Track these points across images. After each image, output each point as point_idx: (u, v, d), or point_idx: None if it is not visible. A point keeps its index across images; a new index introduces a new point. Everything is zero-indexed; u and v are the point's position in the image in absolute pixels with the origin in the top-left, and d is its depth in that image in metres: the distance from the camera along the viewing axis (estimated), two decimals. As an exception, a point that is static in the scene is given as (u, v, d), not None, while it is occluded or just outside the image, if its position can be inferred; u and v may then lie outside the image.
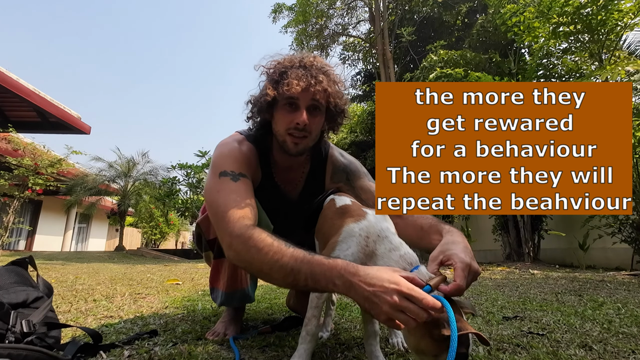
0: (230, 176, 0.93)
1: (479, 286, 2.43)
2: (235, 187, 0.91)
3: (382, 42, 8.29)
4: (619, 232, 4.30)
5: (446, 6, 8.30)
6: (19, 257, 1.05)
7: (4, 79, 5.49)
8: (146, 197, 11.30)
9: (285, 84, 0.92)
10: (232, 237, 0.80)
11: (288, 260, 0.72)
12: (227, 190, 0.90)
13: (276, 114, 0.99)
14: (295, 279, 0.71)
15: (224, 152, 1.00)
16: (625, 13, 4.47)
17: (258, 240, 0.76)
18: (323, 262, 0.69)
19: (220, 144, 1.05)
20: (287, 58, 0.99)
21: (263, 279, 0.81)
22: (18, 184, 6.97)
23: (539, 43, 5.38)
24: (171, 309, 1.58)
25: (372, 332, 0.82)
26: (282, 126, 0.97)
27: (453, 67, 6.07)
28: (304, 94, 0.93)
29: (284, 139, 0.98)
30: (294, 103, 0.95)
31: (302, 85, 0.92)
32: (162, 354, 0.89)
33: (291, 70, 0.95)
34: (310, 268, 0.70)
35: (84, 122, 7.22)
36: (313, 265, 0.70)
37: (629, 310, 1.49)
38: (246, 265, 0.80)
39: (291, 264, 0.71)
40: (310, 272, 0.69)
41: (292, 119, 0.94)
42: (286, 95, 0.93)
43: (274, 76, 0.96)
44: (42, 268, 3.82)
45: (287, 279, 0.72)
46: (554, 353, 0.91)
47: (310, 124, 0.95)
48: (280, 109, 0.97)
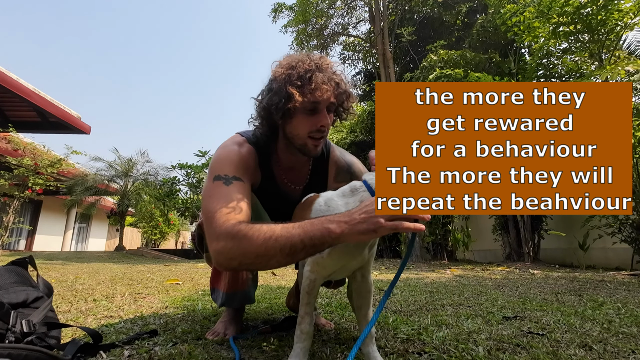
0: (223, 180, 0.93)
1: (479, 286, 2.43)
2: (227, 191, 0.91)
3: (382, 42, 8.28)
4: (619, 232, 4.30)
5: (446, 6, 8.30)
6: (19, 257, 1.05)
7: (4, 79, 5.49)
8: (146, 197, 11.30)
9: (312, 89, 0.93)
10: (219, 240, 0.79)
11: (280, 232, 0.74)
12: (218, 194, 0.90)
13: (295, 118, 0.98)
14: (292, 247, 0.72)
15: (221, 156, 1.00)
16: (625, 13, 4.47)
17: (246, 230, 0.77)
18: (312, 221, 0.74)
19: (219, 147, 1.05)
20: (300, 60, 0.97)
21: (261, 266, 0.80)
22: (18, 183, 6.97)
23: (539, 43, 5.38)
24: (171, 309, 1.58)
25: (368, 334, 0.82)
26: (304, 130, 0.97)
27: (453, 67, 6.07)
28: (328, 97, 0.95)
29: (304, 142, 0.98)
30: (315, 107, 0.95)
31: (330, 89, 0.94)
32: (162, 354, 0.89)
33: (313, 74, 0.94)
34: (302, 229, 0.73)
35: (84, 122, 7.22)
36: (304, 226, 0.73)
37: (629, 310, 1.49)
38: (241, 259, 0.78)
39: (284, 234, 0.73)
40: (303, 232, 0.72)
41: (315, 122, 0.96)
42: (313, 99, 0.93)
43: (295, 80, 0.94)
44: (42, 268, 3.82)
45: (285, 251, 0.73)
46: (554, 353, 0.91)
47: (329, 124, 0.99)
48: (301, 113, 0.96)
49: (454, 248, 7.93)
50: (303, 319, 0.82)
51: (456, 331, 1.13)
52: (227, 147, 1.02)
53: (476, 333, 1.11)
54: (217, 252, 0.80)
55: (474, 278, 3.09)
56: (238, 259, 0.78)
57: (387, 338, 1.05)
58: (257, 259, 0.76)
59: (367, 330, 0.74)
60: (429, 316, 1.38)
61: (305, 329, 0.81)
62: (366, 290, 0.90)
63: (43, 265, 4.36)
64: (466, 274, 3.55)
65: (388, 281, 2.82)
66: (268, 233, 0.74)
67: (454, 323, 1.25)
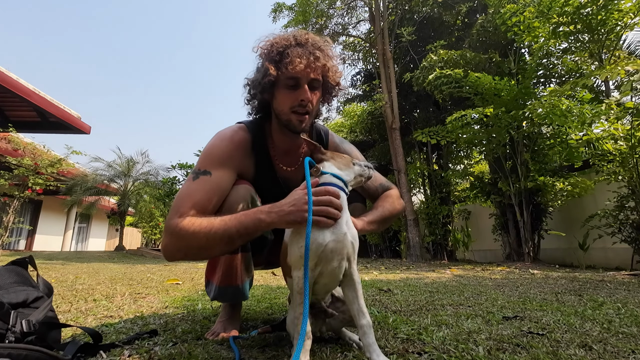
0: (194, 175, 0.97)
1: (479, 286, 2.43)
2: (190, 186, 0.95)
3: (382, 42, 8.28)
4: (619, 232, 4.30)
5: (446, 6, 8.29)
6: (19, 257, 1.05)
7: (4, 79, 5.49)
8: (146, 197, 11.31)
9: (287, 63, 0.94)
10: (166, 235, 0.89)
11: (219, 225, 0.84)
12: (184, 189, 0.95)
13: (278, 94, 1.01)
14: (229, 238, 0.84)
15: (206, 148, 1.04)
16: (625, 13, 4.47)
17: (188, 225, 0.85)
18: (247, 212, 0.86)
19: (215, 135, 1.08)
20: (282, 37, 1.01)
21: (206, 255, 0.90)
22: (18, 183, 6.97)
23: (539, 43, 5.38)
24: (171, 309, 1.58)
25: (367, 325, 0.81)
26: (286, 105, 0.99)
27: (453, 68, 6.07)
28: (305, 71, 0.96)
29: (289, 118, 1.00)
30: (296, 82, 0.97)
31: (304, 63, 0.95)
32: (162, 354, 0.89)
33: (290, 49, 0.96)
34: (237, 221, 0.84)
35: (84, 122, 7.23)
36: (238, 218, 0.85)
37: (629, 310, 1.49)
38: (185, 251, 0.88)
39: (221, 227, 0.84)
40: (239, 223, 0.84)
41: (297, 97, 0.97)
42: (289, 74, 0.95)
43: (274, 56, 0.97)
44: (42, 268, 3.82)
45: (224, 240, 0.84)
46: (554, 353, 0.91)
47: (312, 100, 0.99)
48: (282, 89, 0.99)
49: (454, 248, 7.93)
50: (299, 319, 0.80)
51: (456, 331, 1.13)
52: (218, 137, 1.06)
53: (476, 333, 1.11)
54: (163, 246, 0.90)
55: (474, 278, 3.09)
56: (183, 250, 0.88)
57: (387, 338, 1.05)
58: (200, 250, 0.87)
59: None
60: (429, 316, 1.38)
61: (303, 329, 0.80)
62: (355, 282, 0.87)
63: (43, 265, 4.36)
64: (466, 274, 3.54)
65: (388, 281, 2.82)
66: (207, 227, 0.84)
67: (454, 323, 1.25)
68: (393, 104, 7.83)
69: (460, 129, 5.95)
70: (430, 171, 8.48)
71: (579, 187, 5.21)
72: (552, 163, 5.59)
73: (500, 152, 5.90)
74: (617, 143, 4.08)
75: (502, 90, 5.29)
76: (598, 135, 4.22)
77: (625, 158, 4.04)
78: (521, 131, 5.61)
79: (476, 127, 6.29)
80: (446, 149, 8.55)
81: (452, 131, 6.00)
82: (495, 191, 6.24)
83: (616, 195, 4.32)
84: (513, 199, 5.69)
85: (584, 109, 4.02)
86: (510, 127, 5.43)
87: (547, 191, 5.49)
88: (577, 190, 5.25)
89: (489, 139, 5.83)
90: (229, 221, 0.84)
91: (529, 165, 5.54)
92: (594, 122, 4.05)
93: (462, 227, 7.54)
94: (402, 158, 7.65)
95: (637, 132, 3.85)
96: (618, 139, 4.05)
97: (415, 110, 9.01)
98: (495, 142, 5.66)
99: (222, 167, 1.00)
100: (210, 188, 0.96)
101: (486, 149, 6.21)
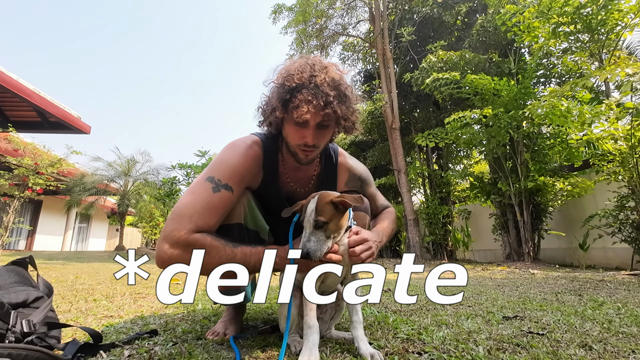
0: (214, 185, 0.93)
1: (479, 286, 2.43)
2: (210, 197, 0.92)
3: (382, 42, 8.28)
4: (619, 232, 4.30)
5: (446, 6, 8.29)
6: (19, 257, 1.05)
7: (4, 79, 5.48)
8: (146, 197, 11.31)
9: (294, 107, 0.91)
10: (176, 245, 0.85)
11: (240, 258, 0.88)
12: (200, 195, 0.91)
13: (287, 126, 0.99)
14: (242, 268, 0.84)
15: (224, 157, 1.00)
16: (625, 13, 4.47)
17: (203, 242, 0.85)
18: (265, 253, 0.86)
19: (229, 144, 1.05)
20: (298, 70, 0.95)
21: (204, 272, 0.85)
22: (18, 183, 6.96)
23: (539, 43, 5.38)
24: (171, 309, 1.58)
25: (357, 320, 0.93)
26: (293, 140, 0.99)
27: (451, 69, 6.06)
28: (312, 118, 0.93)
29: (295, 151, 1.01)
30: (304, 122, 0.94)
31: (312, 111, 0.91)
32: (162, 354, 0.89)
33: (301, 91, 0.92)
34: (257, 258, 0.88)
35: (84, 122, 7.22)
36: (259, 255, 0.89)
37: (629, 310, 1.49)
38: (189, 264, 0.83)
39: (243, 261, 0.87)
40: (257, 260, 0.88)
41: (303, 136, 0.96)
42: (293, 118, 0.93)
43: (283, 94, 0.94)
44: (42, 268, 3.82)
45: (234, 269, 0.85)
46: (554, 353, 0.91)
47: (318, 140, 0.98)
48: (291, 125, 0.97)
49: (454, 248, 7.93)
50: (307, 314, 0.88)
51: (456, 331, 1.13)
52: (235, 149, 1.03)
53: (476, 333, 1.11)
54: (167, 256, 0.85)
55: (474, 278, 3.09)
56: (187, 263, 0.83)
57: (387, 338, 1.05)
58: (205, 268, 0.83)
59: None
60: (429, 316, 1.38)
61: (310, 323, 0.86)
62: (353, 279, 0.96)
63: (43, 265, 4.36)
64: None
65: (388, 281, 2.82)
66: (230, 256, 0.87)
67: (454, 323, 1.25)
68: (393, 104, 7.83)
69: (460, 130, 5.95)
70: (430, 171, 8.48)
71: (579, 187, 5.21)
72: (552, 163, 5.59)
73: (500, 152, 5.90)
74: (617, 143, 4.08)
75: (502, 90, 5.30)
76: (598, 135, 4.22)
77: (625, 158, 4.05)
78: (521, 131, 5.61)
79: (476, 127, 6.28)
80: (446, 149, 8.56)
81: (452, 132, 6.00)
82: (495, 191, 6.23)
83: (616, 195, 4.31)
84: (513, 199, 5.69)
85: (584, 109, 4.02)
86: (510, 127, 5.43)
87: (547, 191, 5.49)
88: (577, 190, 5.25)
89: (489, 139, 5.83)
90: (249, 257, 0.89)
91: (529, 165, 5.54)
92: (593, 122, 4.05)
93: (462, 227, 7.53)
94: (402, 158, 7.65)
95: (637, 132, 3.85)
96: (618, 139, 4.05)
97: (415, 110, 9.00)
98: (495, 142, 5.66)
99: (241, 184, 0.99)
100: (230, 206, 0.95)
101: (486, 149, 6.21)
